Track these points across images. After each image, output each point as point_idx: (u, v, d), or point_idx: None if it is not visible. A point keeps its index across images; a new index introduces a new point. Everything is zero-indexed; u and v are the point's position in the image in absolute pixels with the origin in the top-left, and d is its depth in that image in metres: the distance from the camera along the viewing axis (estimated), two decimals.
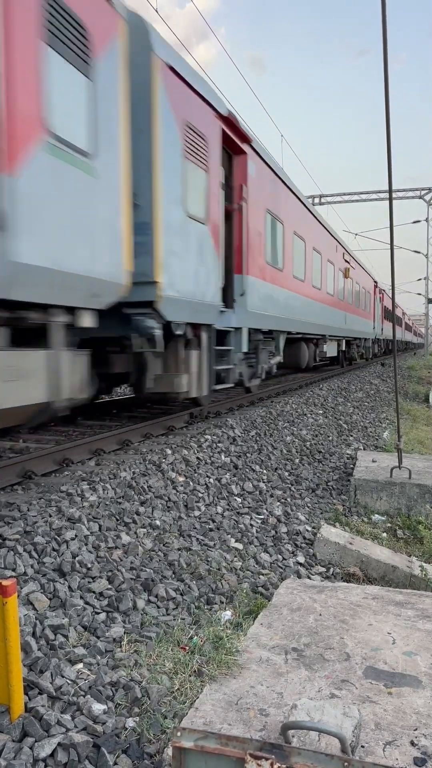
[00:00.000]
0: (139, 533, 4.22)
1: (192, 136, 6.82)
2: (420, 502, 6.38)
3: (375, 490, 6.60)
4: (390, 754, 2.24)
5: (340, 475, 7.72)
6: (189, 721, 2.43)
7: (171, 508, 4.90)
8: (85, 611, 3.14)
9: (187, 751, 1.86)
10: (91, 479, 4.90)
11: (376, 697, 2.62)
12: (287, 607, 3.56)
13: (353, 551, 5.01)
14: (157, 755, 2.29)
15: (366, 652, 3.02)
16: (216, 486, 5.74)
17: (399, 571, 4.87)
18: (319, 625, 3.33)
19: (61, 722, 2.29)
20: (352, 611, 3.51)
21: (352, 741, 2.17)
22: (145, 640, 3.06)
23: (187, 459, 6.01)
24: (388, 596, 3.78)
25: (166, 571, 3.90)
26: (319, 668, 2.86)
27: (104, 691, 2.56)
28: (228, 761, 1.80)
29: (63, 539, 3.72)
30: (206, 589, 3.82)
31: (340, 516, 6.18)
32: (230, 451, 6.85)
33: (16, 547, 3.47)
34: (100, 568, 3.59)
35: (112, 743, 2.26)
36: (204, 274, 7.20)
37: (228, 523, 5.03)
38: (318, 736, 2.19)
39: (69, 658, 2.73)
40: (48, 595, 3.18)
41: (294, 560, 4.85)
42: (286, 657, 2.97)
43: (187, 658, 2.92)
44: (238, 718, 2.45)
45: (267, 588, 4.11)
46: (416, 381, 24.02)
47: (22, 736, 2.22)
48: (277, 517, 5.61)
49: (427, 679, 2.77)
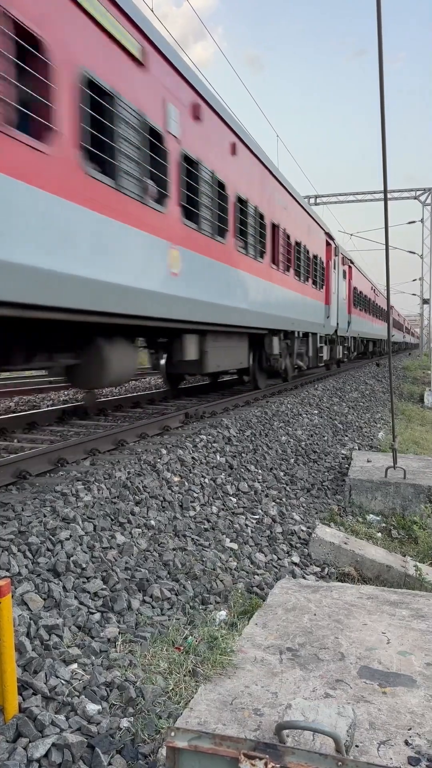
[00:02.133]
0: (134, 533, 4.22)
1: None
2: (415, 502, 6.40)
3: (370, 490, 6.61)
4: (384, 754, 2.24)
5: (335, 475, 7.73)
6: (184, 721, 2.43)
7: (166, 508, 4.90)
8: (80, 611, 3.13)
9: (181, 751, 1.86)
10: (85, 479, 4.89)
11: (370, 697, 2.62)
12: (282, 607, 3.56)
13: (348, 551, 5.02)
14: (152, 755, 2.28)
15: (360, 651, 3.03)
16: (211, 486, 5.73)
17: (394, 570, 4.88)
18: (313, 624, 3.33)
19: (55, 722, 2.29)
20: (347, 611, 3.52)
21: (347, 740, 2.17)
22: (139, 640, 3.06)
23: (182, 459, 6.00)
24: (382, 596, 3.78)
25: (161, 571, 3.90)
26: (314, 668, 2.87)
27: (99, 692, 2.56)
28: (222, 761, 1.80)
29: (57, 539, 3.71)
30: (201, 589, 3.82)
31: (335, 516, 6.19)
32: (225, 451, 6.85)
33: (10, 547, 3.46)
34: (94, 568, 3.59)
35: (107, 743, 2.26)
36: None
37: (223, 523, 5.03)
38: (312, 736, 2.19)
39: (63, 658, 2.73)
40: (42, 595, 3.17)
41: (289, 560, 4.85)
42: (280, 657, 2.97)
43: (181, 658, 2.92)
44: (233, 718, 2.45)
45: (262, 588, 4.11)
46: (411, 381, 24.09)
47: (16, 737, 2.21)
48: (272, 517, 5.62)
49: (421, 679, 2.77)
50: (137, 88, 5.97)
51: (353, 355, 25.46)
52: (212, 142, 8.29)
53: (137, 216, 6.09)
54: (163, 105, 6.61)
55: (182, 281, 7.17)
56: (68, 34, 4.79)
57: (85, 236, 5.11)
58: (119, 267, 5.74)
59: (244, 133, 9.73)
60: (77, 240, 5.00)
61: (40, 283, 4.53)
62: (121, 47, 5.62)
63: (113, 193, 5.59)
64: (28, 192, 4.33)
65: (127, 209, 5.88)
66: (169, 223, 6.88)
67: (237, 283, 9.57)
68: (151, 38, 6.21)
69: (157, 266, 6.52)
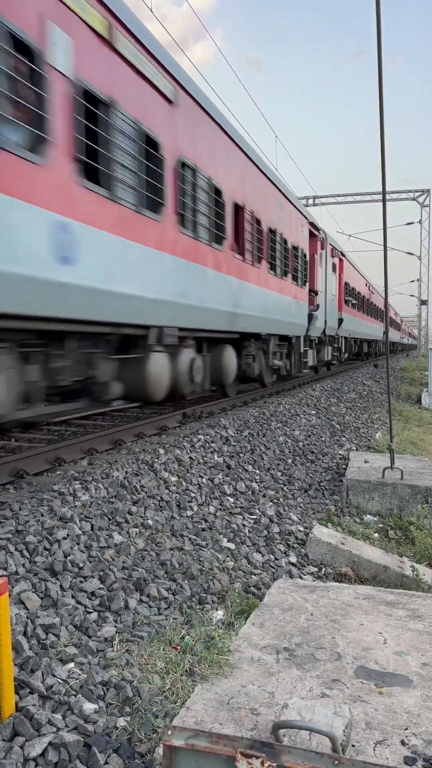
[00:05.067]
0: (131, 533, 4.22)
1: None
2: (412, 502, 6.41)
3: (367, 490, 6.62)
4: (380, 753, 2.24)
5: (332, 475, 7.74)
6: (180, 720, 2.43)
7: (163, 507, 4.90)
8: (77, 611, 3.13)
9: (177, 750, 1.86)
10: (83, 479, 4.89)
11: (367, 697, 2.63)
12: (279, 607, 3.57)
13: (345, 551, 5.02)
14: (148, 754, 2.29)
15: (357, 651, 3.03)
16: (209, 486, 5.74)
17: (390, 571, 4.89)
18: (310, 624, 3.34)
19: (52, 721, 2.28)
20: (344, 611, 3.52)
21: (343, 740, 2.18)
22: (136, 639, 3.06)
23: (179, 459, 6.00)
24: (379, 596, 3.79)
25: (158, 570, 3.90)
26: (311, 668, 2.87)
27: (95, 691, 2.56)
28: (218, 760, 1.81)
29: (55, 538, 3.71)
30: (198, 588, 3.82)
31: (332, 516, 6.20)
32: (223, 451, 6.86)
33: (7, 546, 3.46)
34: (91, 567, 3.59)
35: (103, 742, 2.26)
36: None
37: (220, 523, 5.03)
38: (309, 736, 2.19)
39: (60, 657, 2.73)
40: (39, 594, 3.17)
41: (286, 560, 4.86)
42: (277, 657, 2.98)
43: (178, 658, 2.92)
44: (230, 718, 2.45)
45: (259, 588, 4.11)
46: (409, 382, 24.12)
47: (12, 736, 2.21)
48: (269, 517, 5.62)
49: (417, 679, 2.78)
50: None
51: (344, 357, 22.94)
52: (124, 74, 6.01)
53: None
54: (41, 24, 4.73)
55: (79, 268, 5.31)
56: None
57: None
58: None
59: (186, 79, 7.55)
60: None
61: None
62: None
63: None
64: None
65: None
66: (52, 184, 4.90)
67: (182, 276, 7.48)
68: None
69: (33, 247, 4.65)
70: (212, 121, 8.50)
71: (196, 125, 7.94)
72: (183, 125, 7.49)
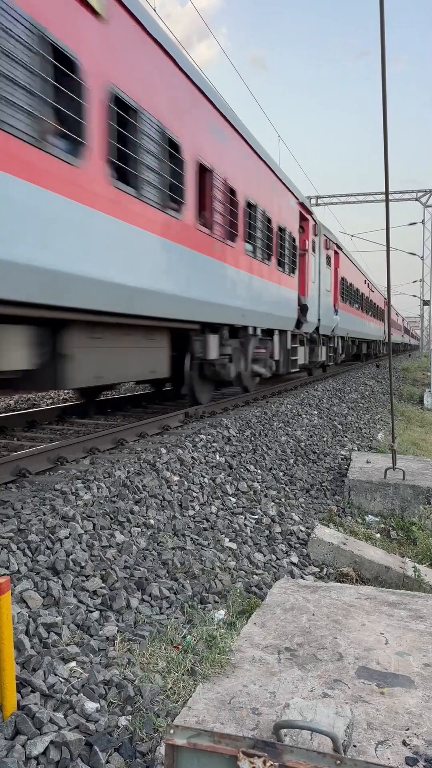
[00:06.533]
0: (133, 532, 4.22)
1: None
2: (414, 503, 6.40)
3: (369, 491, 6.61)
4: (382, 754, 2.24)
5: (334, 475, 7.74)
6: (182, 719, 2.43)
7: (165, 507, 4.90)
8: (79, 610, 3.13)
9: (179, 749, 1.86)
10: (85, 478, 4.89)
11: (368, 697, 2.63)
12: (280, 607, 3.57)
13: (347, 552, 5.02)
14: (150, 753, 2.29)
15: (359, 652, 3.03)
16: (210, 485, 5.74)
17: (392, 571, 4.88)
18: (312, 624, 3.34)
19: (53, 720, 2.29)
20: (345, 611, 3.52)
21: (345, 740, 2.18)
22: (138, 638, 3.06)
23: (181, 458, 6.01)
24: (381, 597, 3.79)
25: (159, 570, 3.90)
26: (312, 668, 2.87)
27: (97, 690, 2.56)
28: (220, 759, 1.81)
29: (57, 538, 3.71)
30: (200, 588, 3.82)
31: (334, 516, 6.20)
32: (225, 451, 6.86)
33: (9, 545, 3.46)
34: (93, 566, 3.59)
35: (105, 741, 2.26)
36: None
37: (222, 523, 5.03)
38: (310, 736, 2.19)
39: (62, 656, 2.73)
40: (41, 593, 3.18)
41: (288, 560, 4.86)
42: (279, 656, 2.98)
43: (180, 657, 2.92)
44: (231, 717, 2.45)
45: (260, 588, 4.11)
46: (411, 383, 24.09)
47: (14, 734, 2.21)
48: (271, 517, 5.62)
49: (419, 679, 2.78)
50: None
51: (341, 358, 21.13)
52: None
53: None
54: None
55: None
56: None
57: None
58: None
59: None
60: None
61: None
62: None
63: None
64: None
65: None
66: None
67: (129, 247, 5.93)
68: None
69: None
70: (158, 47, 6.47)
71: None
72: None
